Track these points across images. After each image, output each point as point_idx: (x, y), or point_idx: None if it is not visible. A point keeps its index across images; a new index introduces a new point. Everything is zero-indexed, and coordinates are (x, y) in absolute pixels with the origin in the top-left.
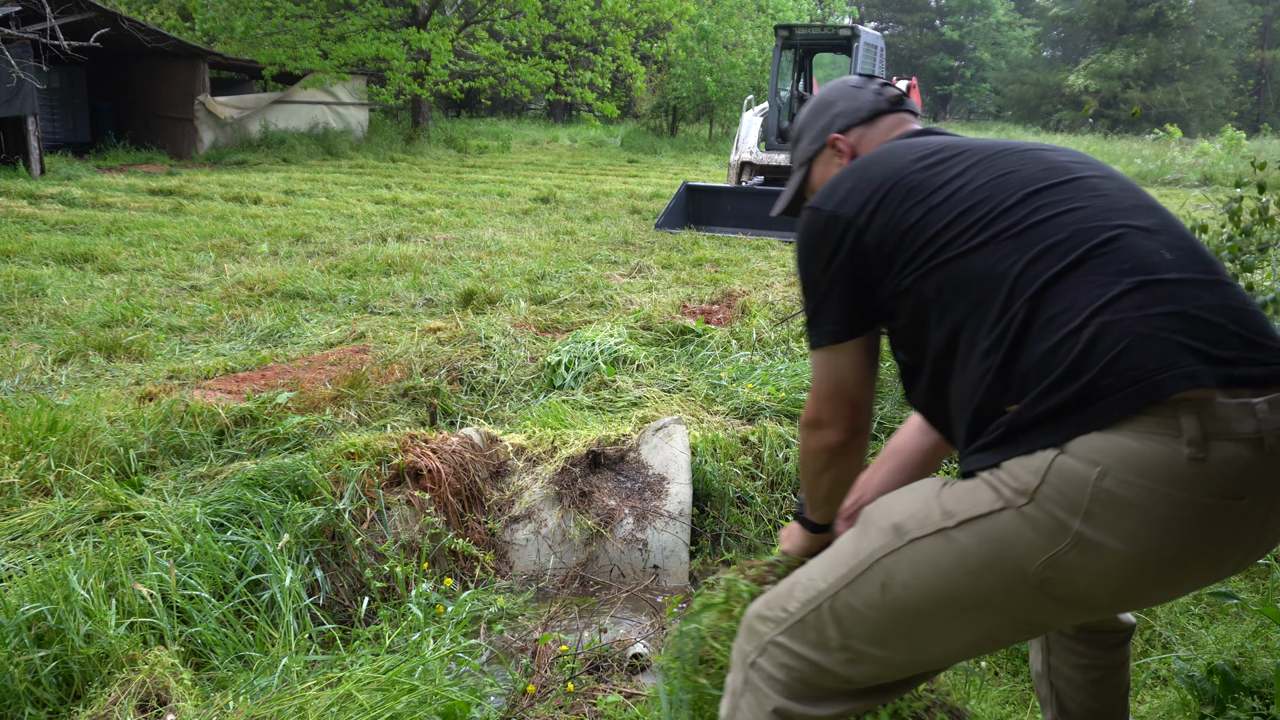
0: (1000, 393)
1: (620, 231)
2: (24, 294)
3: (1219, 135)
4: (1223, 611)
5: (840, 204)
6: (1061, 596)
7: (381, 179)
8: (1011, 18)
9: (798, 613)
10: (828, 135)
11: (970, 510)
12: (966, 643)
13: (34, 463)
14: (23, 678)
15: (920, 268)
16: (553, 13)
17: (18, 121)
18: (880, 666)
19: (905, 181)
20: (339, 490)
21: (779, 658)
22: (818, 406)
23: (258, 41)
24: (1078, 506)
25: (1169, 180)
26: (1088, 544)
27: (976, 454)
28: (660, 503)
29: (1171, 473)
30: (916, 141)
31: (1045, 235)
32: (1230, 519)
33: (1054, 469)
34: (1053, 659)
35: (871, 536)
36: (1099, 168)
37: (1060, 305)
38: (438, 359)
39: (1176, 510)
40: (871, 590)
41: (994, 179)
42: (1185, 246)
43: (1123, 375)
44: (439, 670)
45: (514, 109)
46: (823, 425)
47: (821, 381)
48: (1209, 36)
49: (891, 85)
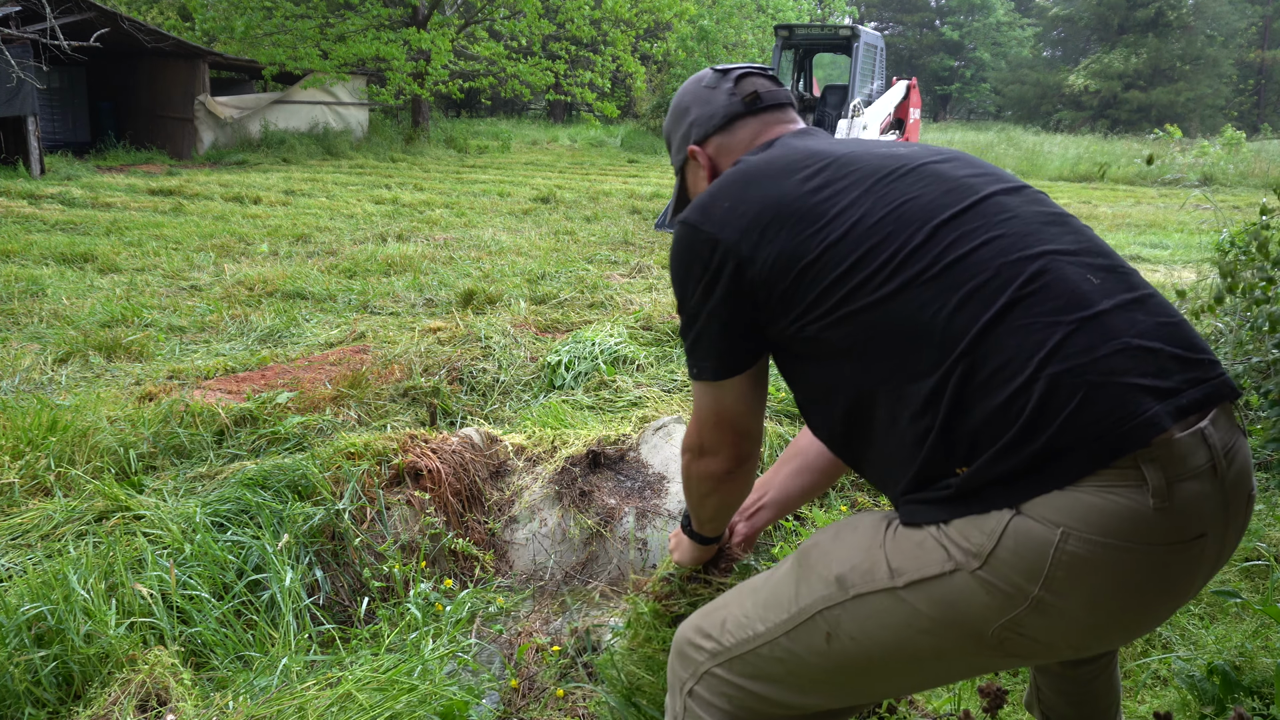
0: (945, 455)
1: (620, 231)
2: (24, 294)
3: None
4: (1223, 611)
5: (720, 226)
6: (1019, 653)
7: (381, 179)
8: (1011, 18)
9: (734, 649)
10: (687, 146)
11: (919, 571)
12: (918, 683)
13: (34, 463)
14: (23, 678)
15: (825, 315)
16: (553, 13)
17: (18, 121)
18: (825, 699)
19: (792, 208)
20: (339, 490)
21: (718, 687)
22: (700, 434)
23: (258, 41)
24: (1038, 571)
25: (1169, 180)
26: (1047, 607)
27: (919, 505)
28: (660, 501)
29: (1136, 526)
30: (793, 154)
31: (966, 276)
32: (1191, 557)
33: (1010, 531)
34: (1041, 694)
35: (813, 585)
36: (998, 177)
37: (1002, 357)
38: (438, 359)
39: (1142, 563)
40: (816, 639)
41: (894, 208)
42: (1105, 264)
43: (1083, 431)
44: (438, 670)
45: (514, 109)
46: (706, 453)
47: (704, 410)
48: (1209, 36)
49: (753, 76)
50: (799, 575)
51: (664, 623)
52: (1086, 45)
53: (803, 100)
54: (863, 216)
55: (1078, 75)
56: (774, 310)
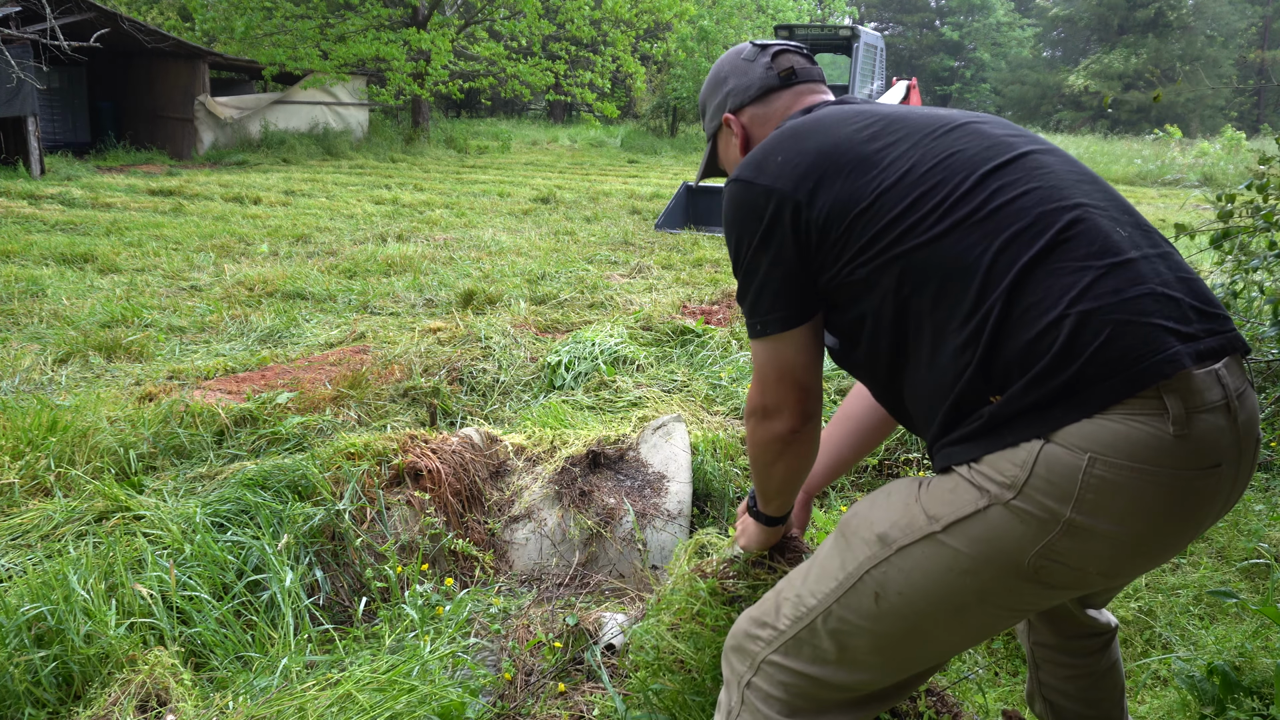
0: (982, 385)
1: (620, 231)
2: (24, 294)
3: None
4: (1223, 611)
5: (776, 177)
6: (1054, 582)
7: (381, 179)
8: (1011, 18)
9: (789, 630)
10: (722, 114)
11: (955, 512)
12: (963, 638)
13: (34, 463)
14: (23, 678)
15: (878, 256)
16: (553, 13)
17: (18, 121)
18: (879, 672)
19: (846, 156)
20: (339, 490)
21: (776, 675)
22: (764, 393)
23: (258, 42)
24: (1069, 495)
25: (1169, 180)
26: (1079, 529)
27: (953, 446)
28: (660, 500)
29: (1158, 452)
30: (842, 111)
31: (1009, 221)
32: (1209, 485)
33: (1042, 459)
34: (1042, 674)
35: (856, 549)
36: (1032, 139)
37: (1037, 294)
38: (438, 359)
39: (1164, 487)
40: (865, 602)
41: (942, 159)
42: (1131, 221)
43: (1109, 364)
44: (438, 670)
45: (514, 109)
46: (771, 414)
47: (767, 368)
48: (1209, 36)
49: (790, 54)
50: (843, 545)
51: (720, 601)
52: (1086, 45)
53: None
54: (914, 166)
55: (1078, 75)
56: (826, 256)
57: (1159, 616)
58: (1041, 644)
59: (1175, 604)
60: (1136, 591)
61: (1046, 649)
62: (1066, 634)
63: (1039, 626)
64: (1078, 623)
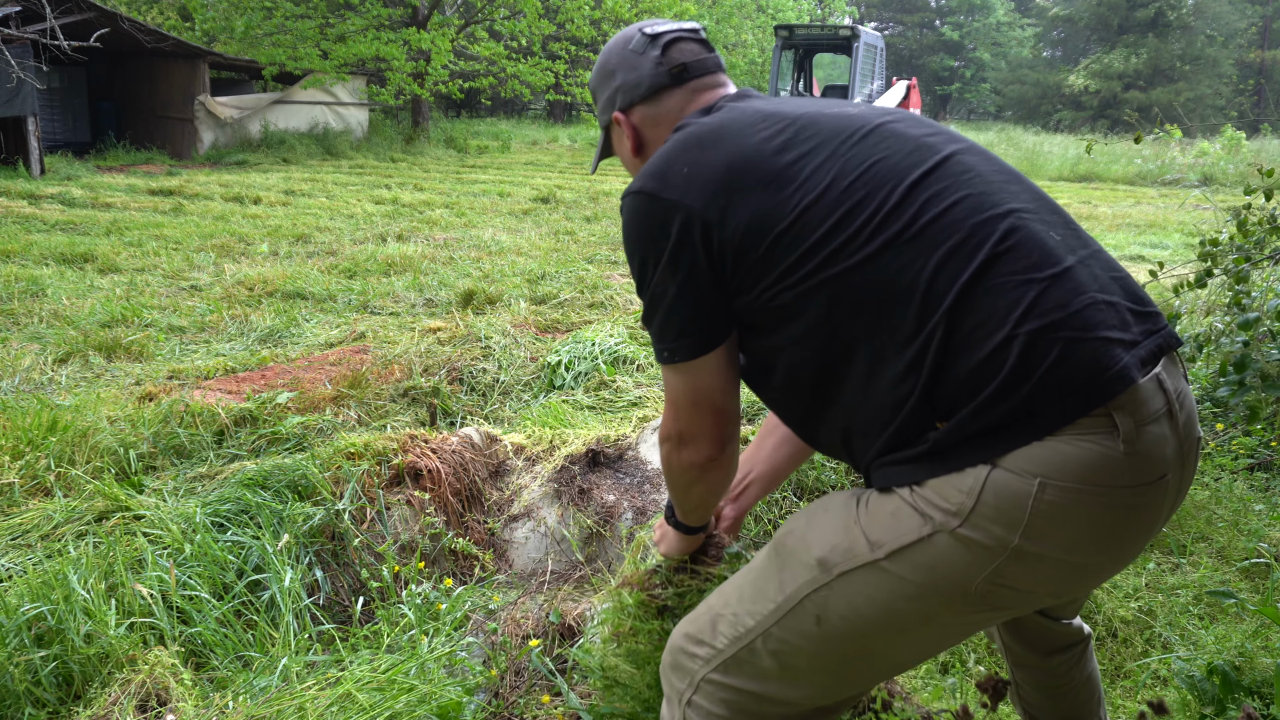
0: (927, 413)
1: (620, 232)
2: (24, 294)
3: (1219, 135)
4: (1223, 611)
5: (683, 192)
6: (1001, 605)
7: (381, 179)
8: (1011, 18)
9: (728, 649)
10: (612, 111)
11: (898, 539)
12: (909, 656)
13: (34, 463)
14: (23, 678)
15: (803, 280)
16: (553, 13)
17: (18, 121)
18: (822, 689)
19: (759, 170)
20: (339, 490)
21: (716, 694)
22: (677, 420)
23: (258, 41)
24: (1017, 522)
25: (1169, 180)
26: (1027, 555)
27: (894, 467)
28: (660, 497)
29: (1109, 471)
30: (745, 115)
31: (944, 235)
32: (1156, 498)
33: (989, 486)
34: (1021, 691)
35: (794, 571)
36: (951, 137)
37: (980, 315)
38: (438, 359)
39: (1114, 505)
40: (806, 625)
41: (865, 170)
42: (1060, 221)
43: (1060, 385)
44: (436, 669)
45: (514, 109)
46: (685, 442)
47: (680, 395)
48: (1209, 36)
49: (683, 41)
50: (780, 564)
51: (650, 614)
52: (1086, 45)
53: None
54: (834, 180)
55: (1078, 75)
56: (742, 279)
57: (1159, 616)
58: (1020, 665)
59: (1175, 604)
60: (1137, 592)
61: (1025, 669)
62: (1043, 651)
63: (1016, 649)
64: (1052, 636)
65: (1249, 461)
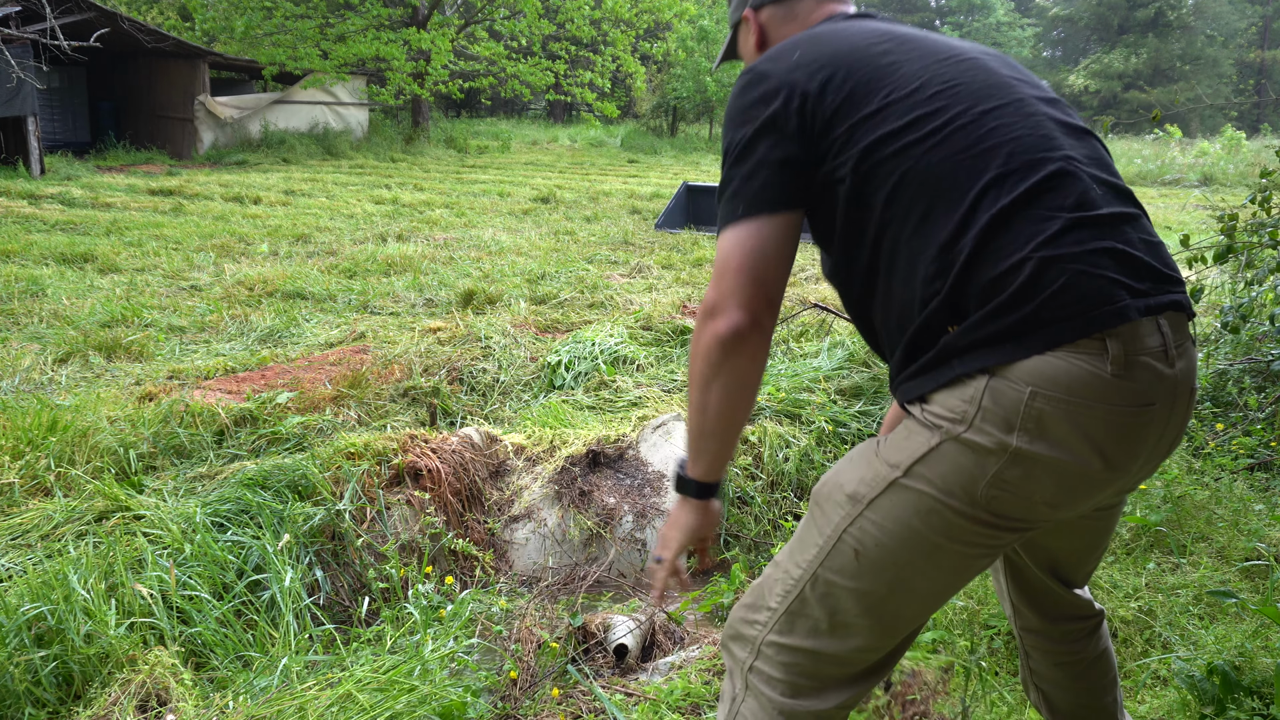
0: (945, 316)
1: (620, 231)
2: (24, 294)
3: (1219, 135)
4: (1223, 611)
5: (791, 70)
6: (1007, 510)
7: (381, 179)
8: (1011, 18)
9: (781, 606)
10: (744, 8)
11: (912, 454)
12: (941, 585)
13: (34, 463)
14: (23, 678)
15: (873, 164)
16: (553, 13)
17: (18, 121)
18: (870, 636)
19: (861, 64)
20: (339, 490)
21: (776, 656)
22: (718, 285)
23: (258, 41)
24: (1012, 424)
25: (1169, 180)
26: (1024, 456)
27: (910, 380)
28: (660, 499)
29: (1095, 388)
30: (862, 25)
31: (997, 163)
32: (1143, 421)
33: (987, 393)
34: (1032, 662)
35: (830, 512)
36: (1033, 84)
37: (1007, 237)
38: (438, 359)
39: (1099, 419)
40: (847, 561)
41: (948, 87)
42: (1110, 180)
43: (1061, 309)
44: (438, 670)
45: (514, 109)
46: (718, 311)
47: (735, 255)
48: (1209, 36)
49: None
50: (818, 513)
51: None
52: (1086, 45)
53: None
54: (920, 86)
55: (1078, 75)
56: (826, 150)
57: (1159, 616)
58: (1029, 629)
59: (1175, 604)
60: (1137, 592)
61: (1034, 635)
62: (1051, 616)
63: (1025, 611)
64: (1061, 603)
65: (1249, 461)
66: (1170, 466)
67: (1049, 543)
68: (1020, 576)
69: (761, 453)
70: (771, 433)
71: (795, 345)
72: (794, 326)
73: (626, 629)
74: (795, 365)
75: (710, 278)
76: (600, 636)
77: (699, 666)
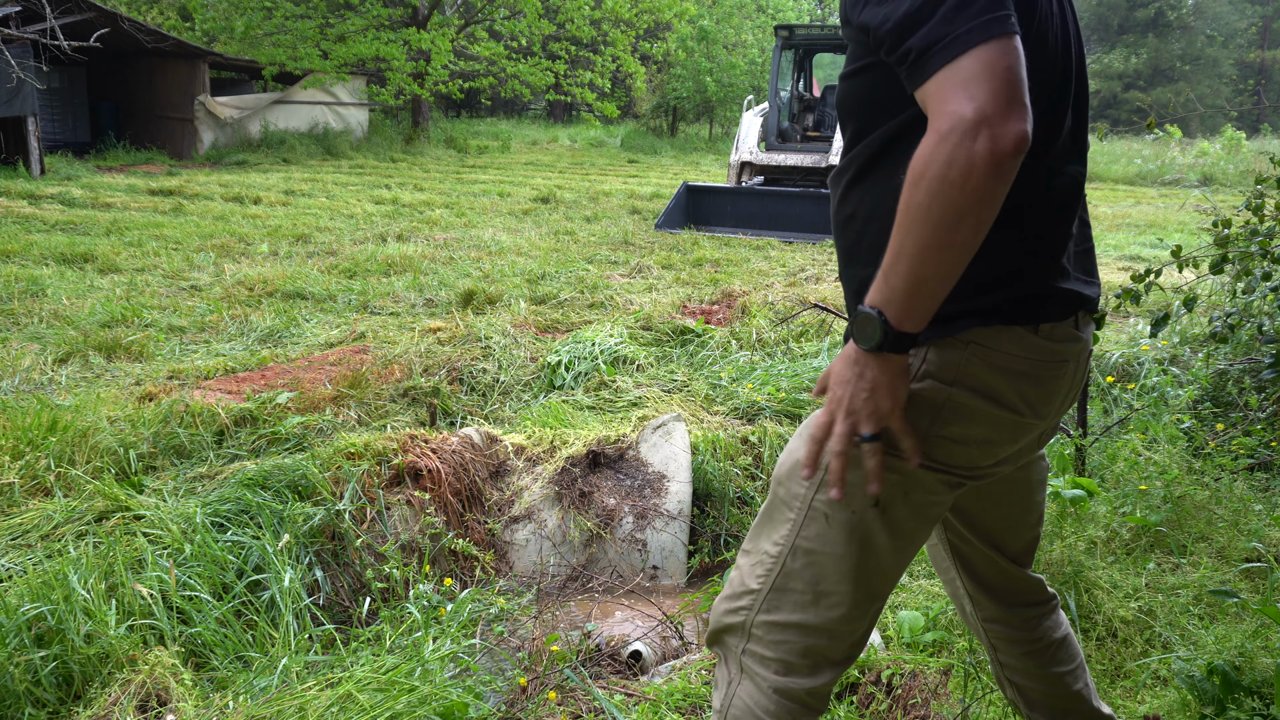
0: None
1: (620, 231)
2: (24, 294)
3: (1219, 135)
4: (1223, 611)
5: None
6: (953, 459)
7: (381, 179)
8: None
9: (764, 586)
10: None
11: None
12: (905, 541)
13: (34, 463)
14: (23, 678)
15: None
16: (553, 13)
17: (18, 121)
18: (851, 603)
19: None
20: (339, 490)
21: (766, 635)
22: (992, 88)
23: (258, 41)
24: (952, 376)
25: (1169, 180)
26: (959, 405)
27: None
28: (660, 500)
29: (1025, 348)
30: None
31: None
32: (1060, 374)
33: (932, 352)
34: (1000, 655)
35: (793, 488)
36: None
37: (1025, 231)
38: (438, 359)
39: (1024, 372)
40: (819, 528)
41: (1066, 63)
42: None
43: (1015, 303)
44: (439, 670)
45: (514, 109)
46: (994, 119)
47: (995, 71)
48: (1209, 36)
49: None
50: (782, 491)
51: None
52: (1086, 45)
53: (803, 100)
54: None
55: None
56: None
57: (1159, 616)
58: (990, 620)
59: (1175, 604)
60: (1137, 592)
61: (996, 625)
62: (1008, 602)
63: (982, 600)
64: (1015, 583)
65: (1249, 461)
66: (1170, 466)
67: (983, 511)
68: (969, 563)
69: (762, 453)
70: (771, 433)
71: (795, 346)
72: (794, 326)
73: (641, 639)
74: (795, 365)
75: None
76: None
77: (698, 667)
